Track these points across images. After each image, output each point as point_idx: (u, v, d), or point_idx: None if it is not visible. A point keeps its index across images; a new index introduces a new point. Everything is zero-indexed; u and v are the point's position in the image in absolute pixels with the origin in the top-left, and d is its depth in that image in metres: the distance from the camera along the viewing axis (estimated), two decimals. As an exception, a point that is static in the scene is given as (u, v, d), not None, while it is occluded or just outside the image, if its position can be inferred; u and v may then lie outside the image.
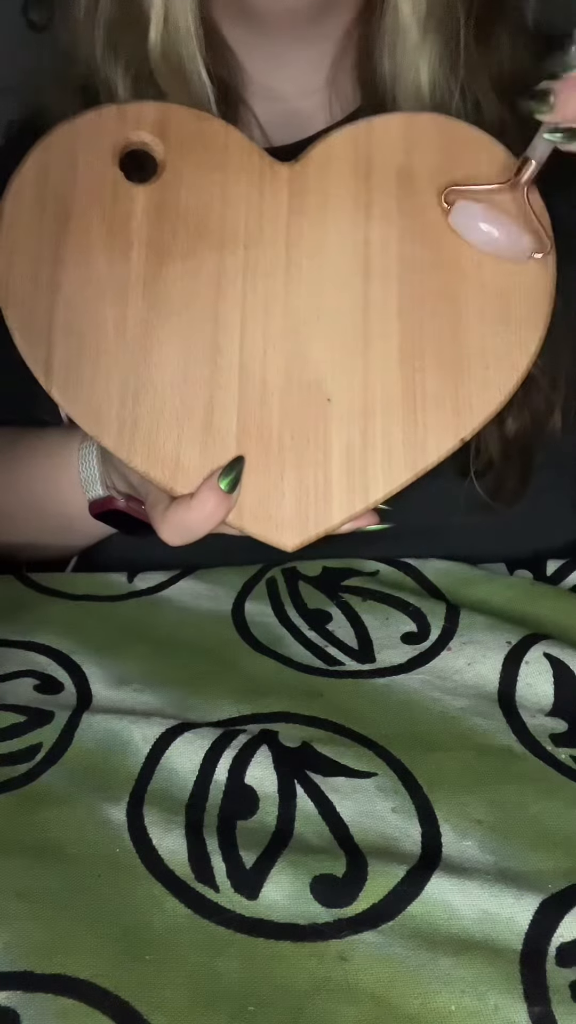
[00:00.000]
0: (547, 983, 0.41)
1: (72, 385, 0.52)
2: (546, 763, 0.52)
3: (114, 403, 0.52)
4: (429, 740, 0.53)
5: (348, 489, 0.52)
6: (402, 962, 0.42)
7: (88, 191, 0.53)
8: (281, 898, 0.44)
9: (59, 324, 0.52)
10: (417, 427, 0.52)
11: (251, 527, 0.52)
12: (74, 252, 0.53)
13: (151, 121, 0.54)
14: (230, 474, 0.51)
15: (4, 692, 0.57)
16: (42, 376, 0.52)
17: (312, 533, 0.52)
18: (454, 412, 0.52)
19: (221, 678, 0.58)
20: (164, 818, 0.48)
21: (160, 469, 0.52)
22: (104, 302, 0.53)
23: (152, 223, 0.53)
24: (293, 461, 0.52)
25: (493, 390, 0.53)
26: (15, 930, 0.43)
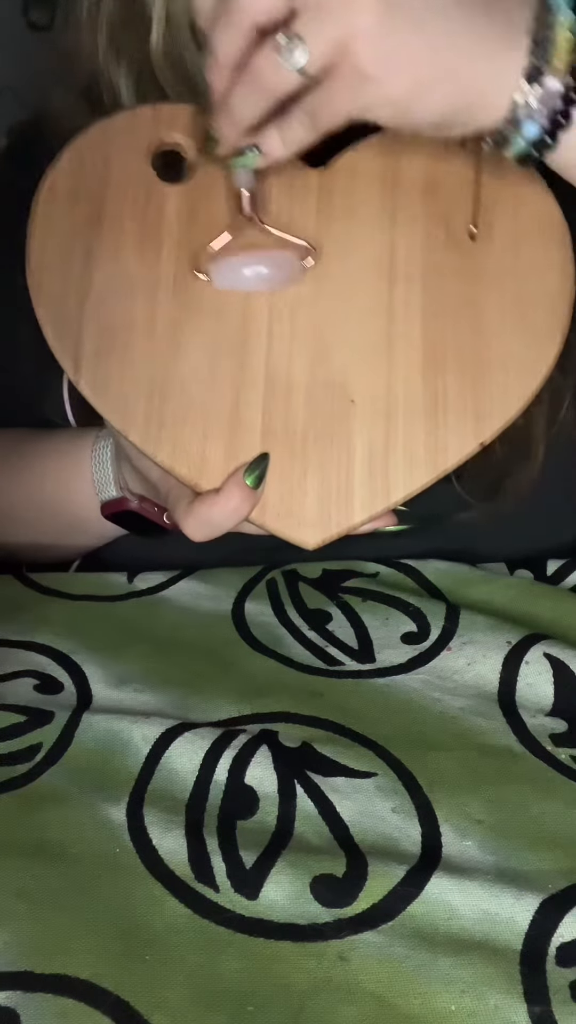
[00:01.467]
0: (547, 983, 0.41)
1: (100, 380, 0.53)
2: (546, 763, 0.52)
3: (141, 399, 0.53)
4: (429, 740, 0.53)
5: (370, 489, 0.52)
6: (402, 962, 0.42)
7: (121, 190, 0.55)
8: (281, 898, 0.44)
9: (89, 319, 0.53)
10: (438, 430, 0.53)
11: (273, 524, 0.53)
12: (106, 249, 0.54)
13: (184, 123, 0.56)
14: (255, 470, 0.51)
15: (4, 692, 0.57)
16: (71, 370, 0.53)
17: (334, 532, 0.53)
18: (475, 416, 0.53)
19: (221, 678, 0.58)
20: (164, 818, 0.48)
21: (185, 465, 0.52)
22: (134, 299, 0.53)
23: (183, 223, 0.54)
24: (316, 460, 0.53)
25: (513, 395, 0.53)
26: (15, 930, 0.43)
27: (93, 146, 0.55)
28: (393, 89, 0.47)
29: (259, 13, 0.46)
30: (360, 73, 0.46)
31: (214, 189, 0.55)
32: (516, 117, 0.48)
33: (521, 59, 0.47)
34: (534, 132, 0.48)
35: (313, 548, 0.53)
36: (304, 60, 0.46)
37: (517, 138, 0.48)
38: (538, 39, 0.47)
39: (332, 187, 0.56)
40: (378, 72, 0.46)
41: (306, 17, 0.45)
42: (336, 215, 0.55)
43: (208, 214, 0.55)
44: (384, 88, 0.47)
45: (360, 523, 0.53)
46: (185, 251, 0.54)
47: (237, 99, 0.48)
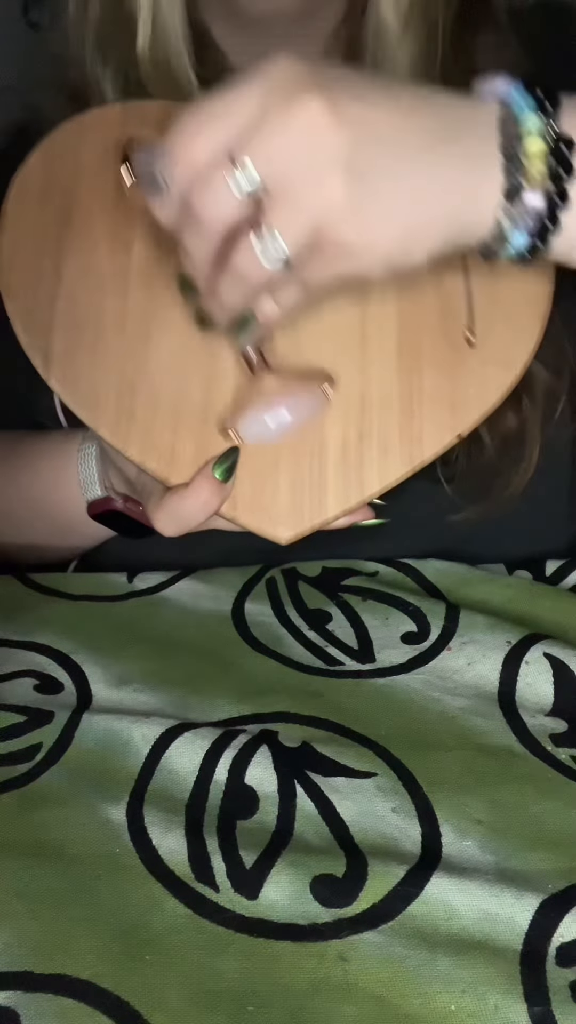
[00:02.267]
0: (547, 983, 0.41)
1: (71, 375, 0.53)
2: (546, 763, 0.52)
3: (112, 393, 0.52)
4: (429, 740, 0.53)
5: (343, 483, 0.52)
6: (402, 962, 0.42)
7: (91, 187, 0.54)
8: (281, 898, 0.44)
9: (59, 315, 0.53)
10: (413, 422, 0.52)
11: (245, 518, 0.52)
12: (76, 245, 0.54)
13: (155, 119, 0.55)
14: (225, 463, 0.51)
15: (4, 692, 0.57)
16: (41, 366, 0.53)
17: (307, 526, 0.52)
18: (451, 408, 0.52)
19: (221, 678, 0.58)
20: (164, 818, 0.48)
21: (156, 459, 0.52)
22: (104, 294, 0.53)
23: (153, 218, 0.54)
24: (288, 453, 0.52)
25: (490, 387, 0.53)
26: (15, 930, 0.43)
27: (63, 144, 0.55)
28: (380, 252, 0.45)
29: (224, 219, 0.45)
30: (344, 247, 0.45)
31: None
32: (502, 233, 0.46)
33: (497, 177, 0.45)
34: (523, 242, 0.47)
35: (286, 543, 0.52)
36: (283, 252, 0.44)
37: (507, 248, 0.47)
38: (509, 154, 0.45)
39: None
40: (362, 243, 0.45)
41: (275, 208, 0.44)
42: None
43: None
44: (372, 255, 0.45)
45: (334, 517, 0.52)
46: (155, 246, 0.54)
47: (223, 292, 0.47)
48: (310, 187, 0.44)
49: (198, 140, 0.44)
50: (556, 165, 0.45)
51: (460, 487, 0.66)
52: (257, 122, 0.43)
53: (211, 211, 0.45)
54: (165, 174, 0.45)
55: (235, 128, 0.44)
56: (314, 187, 0.44)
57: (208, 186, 0.44)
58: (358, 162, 0.44)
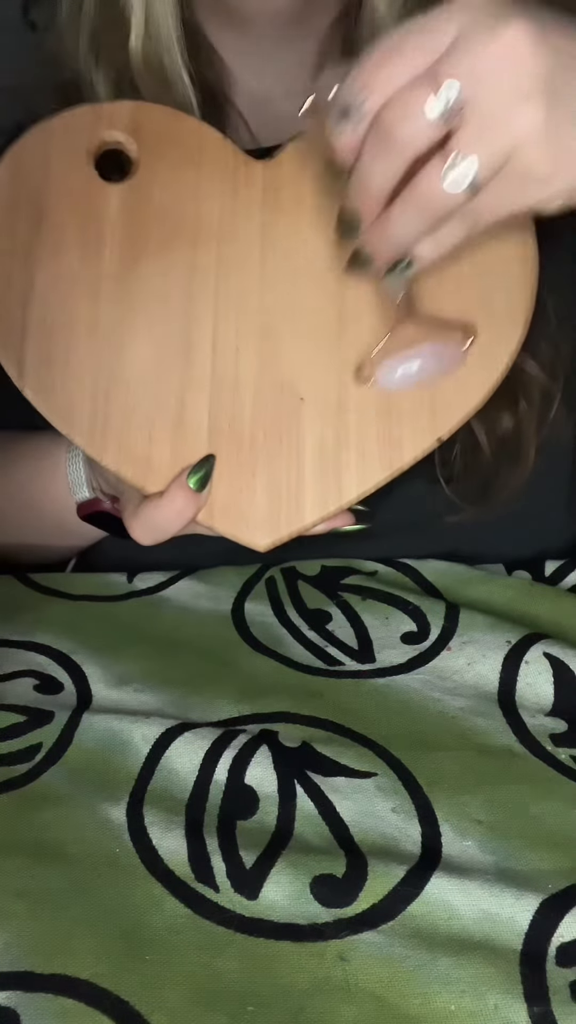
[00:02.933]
0: (547, 983, 0.41)
1: (44, 383, 0.52)
2: (546, 763, 0.52)
3: (86, 401, 0.52)
4: (429, 740, 0.53)
5: (321, 489, 0.52)
6: (402, 962, 0.42)
7: (61, 190, 0.53)
8: (281, 898, 0.44)
9: (32, 323, 0.52)
10: (392, 426, 0.52)
11: (222, 526, 0.52)
12: (47, 251, 0.53)
13: (125, 120, 0.54)
14: (199, 472, 0.51)
15: (4, 692, 0.57)
16: (15, 375, 0.52)
17: (284, 533, 0.52)
18: (431, 411, 0.52)
19: (221, 678, 0.58)
20: (164, 818, 0.48)
21: (131, 467, 0.52)
22: (77, 300, 0.53)
23: (125, 221, 0.53)
24: (265, 460, 0.52)
25: (472, 388, 0.52)
26: (15, 930, 0.43)
27: (33, 149, 0.54)
28: (566, 181, 0.45)
29: (419, 140, 0.44)
30: (531, 175, 0.45)
31: (156, 185, 0.54)
32: None
33: None
34: None
35: (264, 550, 0.52)
36: (473, 176, 0.44)
37: None
38: None
39: (278, 178, 0.54)
40: (551, 170, 0.45)
41: (471, 130, 0.43)
42: (282, 207, 0.54)
43: (151, 211, 0.54)
44: (557, 184, 0.45)
45: (312, 524, 0.52)
46: (128, 249, 0.53)
47: (398, 223, 0.46)
48: (511, 109, 0.44)
49: (395, 62, 0.44)
50: None
51: (459, 488, 0.66)
52: (456, 43, 0.43)
53: (407, 131, 0.44)
54: (357, 96, 0.44)
55: (435, 50, 0.43)
56: (515, 109, 0.44)
57: (406, 106, 0.43)
58: (558, 89, 0.44)
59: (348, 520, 0.53)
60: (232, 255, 0.53)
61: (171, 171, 0.54)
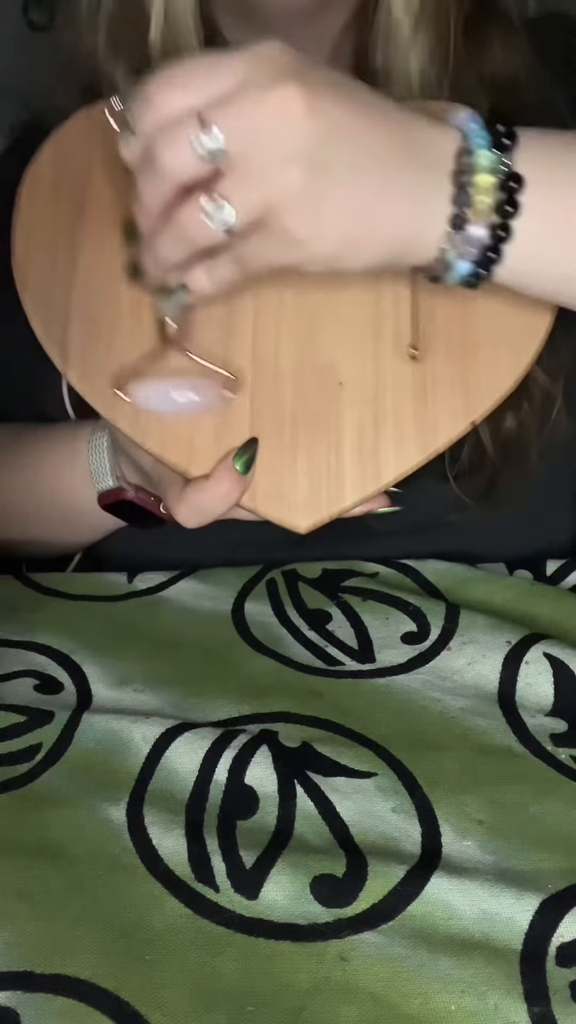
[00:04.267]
0: (547, 983, 0.41)
1: (88, 368, 0.53)
2: (546, 763, 0.52)
3: None
4: (429, 740, 0.53)
5: (360, 471, 0.52)
6: (402, 962, 0.42)
7: (103, 177, 0.54)
8: (281, 898, 0.44)
9: (75, 308, 0.53)
10: (428, 410, 0.53)
11: (264, 508, 0.52)
12: (90, 238, 0.54)
13: None
14: (245, 455, 0.52)
15: (4, 692, 0.57)
16: (59, 360, 0.53)
17: (325, 515, 0.52)
18: (464, 395, 0.53)
19: (221, 678, 0.58)
20: (164, 818, 0.48)
21: (174, 451, 0.52)
22: (119, 286, 0.53)
23: None
24: (306, 443, 0.53)
25: (503, 373, 0.53)
26: (15, 930, 0.43)
27: (75, 137, 0.55)
28: (322, 249, 0.47)
29: (182, 175, 0.45)
30: (287, 236, 0.46)
31: None
32: (446, 260, 0.48)
33: (445, 207, 0.47)
34: (466, 270, 0.48)
35: (305, 531, 0.52)
36: (230, 221, 0.45)
37: (451, 274, 0.48)
38: (459, 184, 0.47)
39: None
40: (307, 235, 0.46)
41: (232, 179, 0.45)
42: None
43: None
44: (313, 250, 0.47)
45: (351, 505, 0.52)
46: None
47: (161, 244, 0.48)
48: (271, 169, 0.45)
49: (174, 92, 0.45)
50: (503, 200, 0.47)
51: (464, 487, 0.67)
52: (235, 92, 0.44)
53: (170, 163, 0.45)
54: (136, 115, 0.46)
55: (212, 92, 0.45)
56: (275, 170, 0.45)
57: (172, 138, 0.45)
58: (322, 158, 0.45)
59: (384, 502, 0.53)
60: None
61: None
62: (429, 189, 0.47)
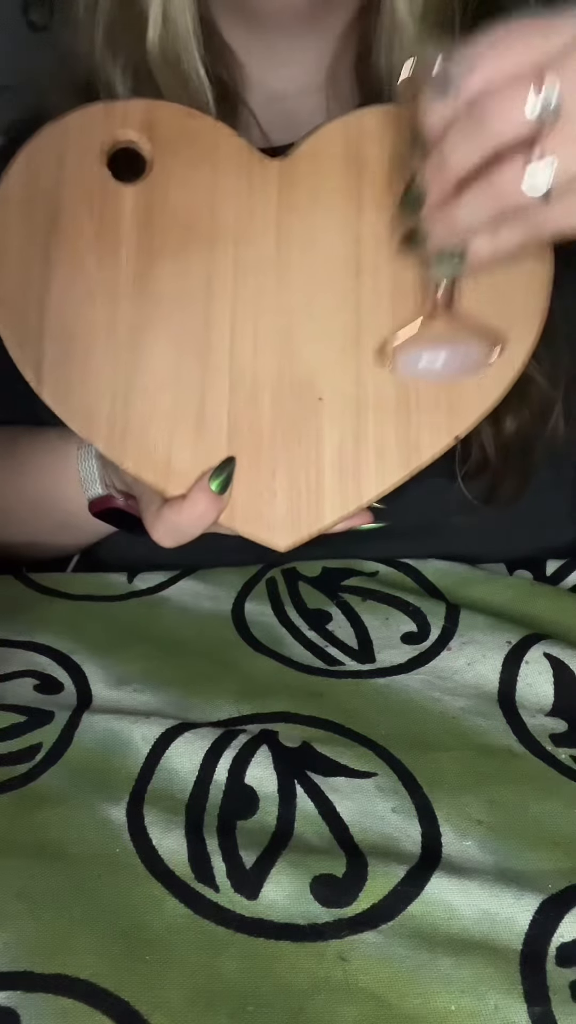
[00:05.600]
0: (547, 983, 0.41)
1: (63, 387, 0.52)
2: (546, 763, 0.52)
3: (105, 405, 0.52)
4: (429, 740, 0.53)
5: (340, 488, 0.52)
6: (402, 962, 0.42)
7: (76, 191, 0.53)
8: (281, 898, 0.44)
9: (49, 326, 0.52)
10: (410, 425, 0.52)
11: (243, 527, 0.52)
12: (63, 253, 0.53)
13: (138, 119, 0.54)
14: (221, 475, 0.51)
15: (4, 692, 0.57)
16: (33, 379, 0.52)
17: (304, 533, 0.52)
18: (448, 409, 0.52)
19: (221, 678, 0.58)
20: (164, 818, 0.48)
21: (152, 471, 0.52)
22: (94, 303, 0.52)
23: (141, 222, 0.53)
24: (284, 461, 0.52)
25: (488, 386, 0.52)
26: (15, 930, 0.43)
27: (46, 149, 0.54)
28: None
29: (509, 134, 0.44)
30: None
31: (170, 185, 0.54)
32: None
33: None
34: None
35: (284, 550, 0.52)
36: (548, 182, 0.44)
37: None
38: None
39: (293, 176, 0.54)
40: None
41: (559, 138, 0.44)
42: (298, 205, 0.54)
43: (166, 211, 0.53)
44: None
45: (331, 524, 0.52)
46: (144, 250, 0.53)
47: (465, 207, 0.46)
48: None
49: (507, 52, 0.44)
50: None
51: (467, 488, 0.67)
52: (567, 53, 0.43)
53: (500, 120, 0.44)
54: (462, 72, 0.44)
55: (548, 50, 0.44)
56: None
57: (506, 95, 0.44)
58: None
59: (367, 519, 0.53)
60: (249, 255, 0.53)
61: (186, 170, 0.54)
62: None
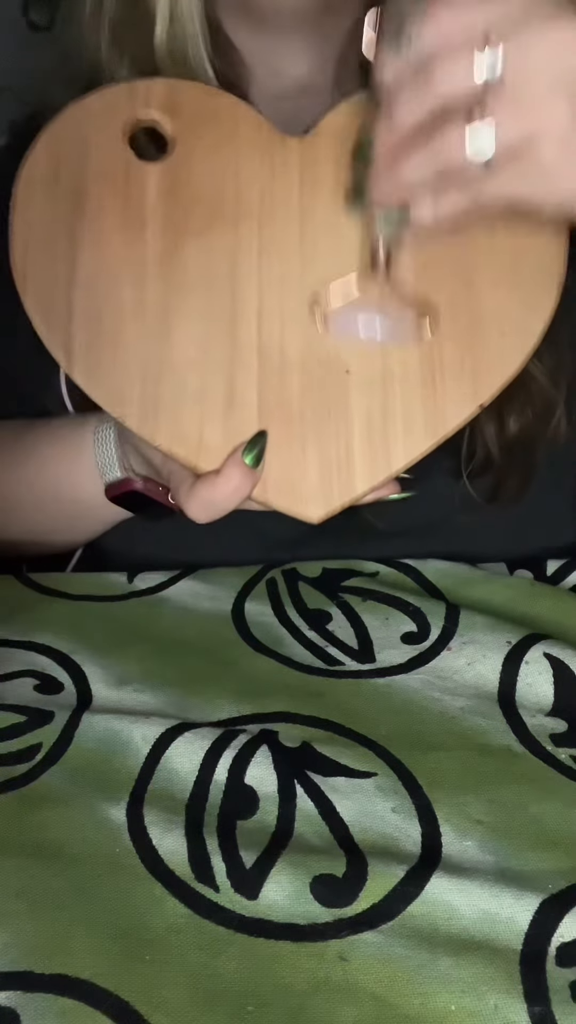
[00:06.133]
0: (547, 983, 0.41)
1: (94, 368, 0.52)
2: (546, 763, 0.52)
3: (136, 384, 0.52)
4: (429, 740, 0.53)
5: (370, 459, 0.52)
6: (402, 962, 0.42)
7: (100, 171, 0.54)
8: (281, 898, 0.44)
9: (78, 308, 0.52)
10: (436, 394, 0.53)
11: (276, 501, 0.52)
12: (89, 234, 0.53)
13: (160, 98, 0.55)
14: (254, 449, 0.51)
15: (4, 692, 0.57)
16: (63, 360, 0.52)
17: (337, 504, 0.52)
18: (472, 378, 0.53)
19: (221, 678, 0.58)
20: (164, 818, 0.48)
21: (184, 447, 0.52)
22: (121, 283, 0.53)
23: (165, 201, 0.54)
24: (315, 433, 0.52)
25: (510, 355, 0.53)
26: (15, 930, 0.43)
27: (68, 129, 0.54)
28: (569, 188, 0.47)
29: (453, 94, 0.45)
30: (542, 167, 0.46)
31: (194, 164, 0.54)
32: None
33: None
34: None
35: (318, 521, 0.52)
36: (490, 147, 0.45)
37: None
38: None
39: (315, 153, 0.55)
40: (559, 171, 0.46)
41: (502, 103, 0.45)
42: (320, 182, 0.54)
43: (190, 190, 0.54)
44: (560, 186, 0.46)
45: (363, 494, 0.52)
46: (169, 229, 0.53)
47: (408, 163, 0.47)
48: (542, 97, 0.45)
49: (461, 10, 0.45)
50: None
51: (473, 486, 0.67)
52: (522, 18, 0.44)
53: (446, 81, 0.45)
54: (415, 31, 0.45)
55: (499, 16, 0.44)
56: (546, 99, 0.45)
57: (454, 57, 0.45)
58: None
59: (395, 489, 0.53)
60: (273, 233, 0.54)
61: (208, 149, 0.54)
62: None
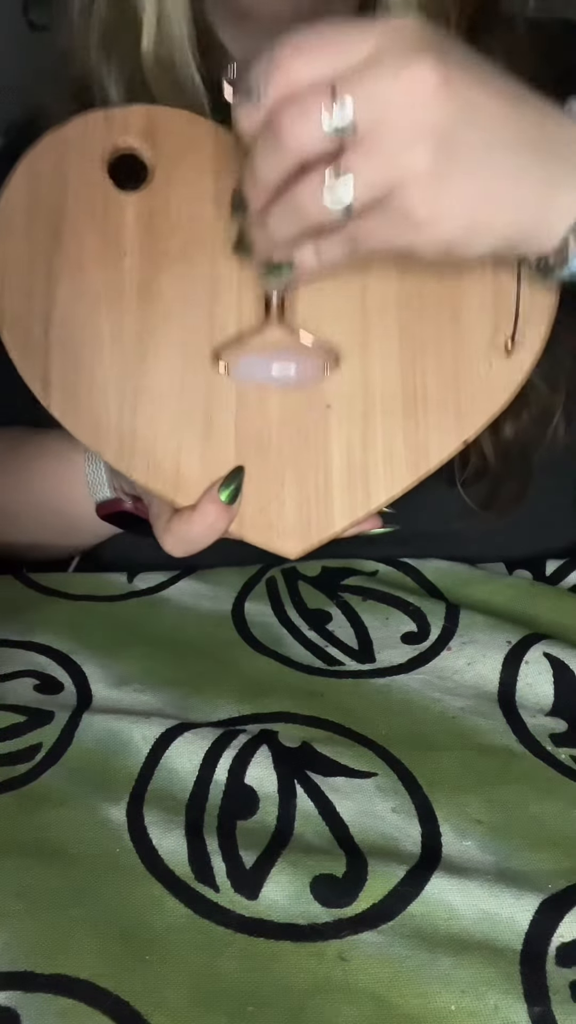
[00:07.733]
0: (547, 983, 0.41)
1: (70, 400, 0.52)
2: (546, 763, 0.52)
3: (112, 415, 0.52)
4: (429, 740, 0.53)
5: (349, 495, 0.52)
6: (402, 962, 0.42)
7: (78, 201, 0.53)
8: (281, 898, 0.44)
9: (55, 339, 0.52)
10: (419, 429, 0.52)
11: (252, 536, 0.52)
12: (67, 264, 0.52)
13: (139, 126, 0.54)
14: (230, 485, 0.51)
15: (4, 692, 0.57)
16: (40, 392, 0.52)
17: (315, 540, 0.52)
18: (456, 413, 0.52)
19: (221, 678, 0.58)
20: (164, 818, 0.48)
21: (161, 481, 0.52)
22: (99, 314, 0.52)
23: (143, 230, 0.53)
24: (293, 468, 0.52)
25: (497, 389, 0.52)
26: (15, 930, 0.43)
27: (46, 158, 0.53)
28: (442, 232, 0.45)
29: (306, 149, 0.44)
30: (409, 216, 0.44)
31: (172, 192, 0.53)
32: (566, 253, 0.46)
33: (574, 201, 0.45)
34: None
35: (296, 557, 0.52)
36: (349, 198, 0.44)
37: (566, 269, 0.47)
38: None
39: None
40: (428, 217, 0.44)
41: (357, 153, 0.43)
42: None
43: (168, 219, 0.53)
44: (433, 232, 0.45)
45: (342, 529, 0.52)
46: (147, 259, 0.53)
47: (275, 220, 0.46)
48: (400, 145, 0.43)
49: (305, 60, 0.43)
50: None
51: (467, 494, 0.67)
52: (369, 64, 0.43)
53: (295, 135, 0.43)
54: (262, 84, 0.44)
55: (346, 63, 0.43)
56: (404, 147, 0.43)
57: (300, 110, 0.43)
58: (452, 138, 0.43)
59: (376, 523, 0.53)
60: (251, 262, 0.53)
61: (188, 177, 0.53)
62: (560, 178, 0.45)
